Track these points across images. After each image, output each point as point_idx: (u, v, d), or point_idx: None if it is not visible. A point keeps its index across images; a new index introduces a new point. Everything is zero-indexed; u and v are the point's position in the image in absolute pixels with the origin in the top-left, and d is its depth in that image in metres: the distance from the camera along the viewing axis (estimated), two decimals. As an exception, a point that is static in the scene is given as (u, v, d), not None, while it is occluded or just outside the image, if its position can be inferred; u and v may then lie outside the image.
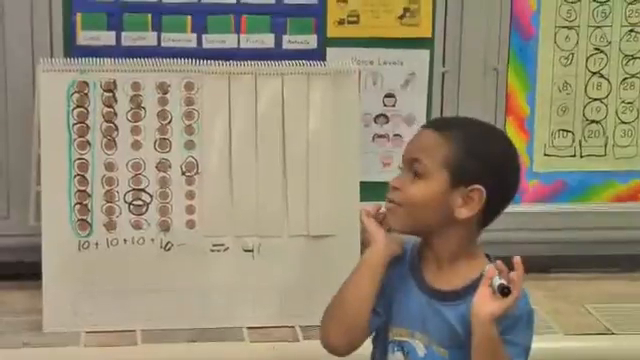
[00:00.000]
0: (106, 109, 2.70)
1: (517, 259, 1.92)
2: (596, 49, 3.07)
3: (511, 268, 1.94)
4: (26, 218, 2.75)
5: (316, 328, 2.69)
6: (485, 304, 1.89)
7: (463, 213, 1.94)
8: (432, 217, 1.95)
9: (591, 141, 3.11)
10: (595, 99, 3.10)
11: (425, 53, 2.97)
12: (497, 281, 1.89)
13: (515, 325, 1.94)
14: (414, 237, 2.05)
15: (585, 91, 3.09)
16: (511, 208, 2.01)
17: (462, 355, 1.94)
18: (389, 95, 2.99)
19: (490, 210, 1.97)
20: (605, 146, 3.12)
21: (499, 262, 1.94)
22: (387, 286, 2.04)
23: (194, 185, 2.72)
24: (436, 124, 2.04)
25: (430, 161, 1.92)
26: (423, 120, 2.98)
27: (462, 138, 1.93)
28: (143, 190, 2.71)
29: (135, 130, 2.71)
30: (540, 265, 3.07)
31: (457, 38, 2.98)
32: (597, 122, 3.11)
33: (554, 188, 3.12)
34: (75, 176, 2.67)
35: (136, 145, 2.71)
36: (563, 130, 3.10)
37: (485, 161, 1.96)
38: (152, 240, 2.70)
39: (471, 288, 1.95)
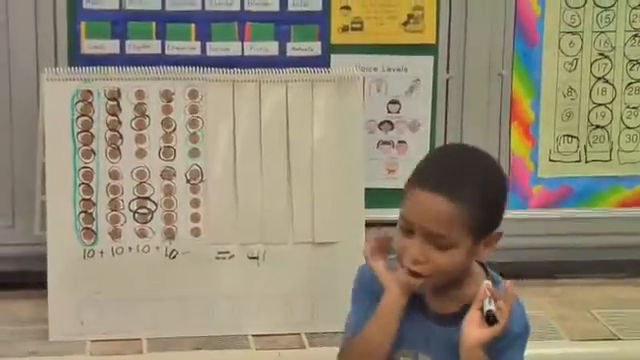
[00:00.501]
0: (110, 117, 2.70)
1: (507, 285, 1.91)
2: (600, 54, 3.07)
3: (511, 276, 1.94)
4: (31, 227, 2.76)
5: (322, 335, 2.70)
6: (473, 330, 1.88)
7: (486, 254, 1.95)
8: (458, 271, 1.95)
9: (596, 146, 3.10)
10: (600, 104, 3.09)
11: (429, 59, 2.97)
12: (487, 306, 1.88)
13: (512, 344, 1.93)
14: None
15: (590, 96, 3.08)
16: (516, 214, 2.00)
17: None
18: (393, 102, 2.99)
19: None
20: (610, 151, 3.12)
21: (490, 284, 1.92)
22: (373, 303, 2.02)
23: (199, 193, 2.72)
24: (441, 187, 1.88)
25: (455, 233, 1.88)
26: (427, 126, 2.98)
27: (475, 198, 1.89)
28: (148, 198, 2.71)
29: (139, 138, 2.71)
30: (545, 271, 3.07)
31: (461, 44, 2.98)
32: (602, 127, 3.10)
33: (559, 193, 3.12)
34: (80, 185, 2.68)
35: (140, 153, 2.71)
36: (568, 135, 3.09)
37: (497, 208, 1.95)
38: (157, 248, 2.70)
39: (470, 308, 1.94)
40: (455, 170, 1.93)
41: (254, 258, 2.74)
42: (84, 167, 2.68)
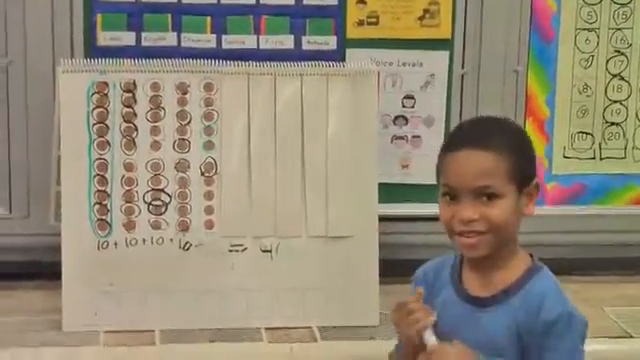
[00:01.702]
0: (126, 109, 2.71)
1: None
2: (616, 51, 3.06)
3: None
4: (46, 218, 2.77)
5: (334, 329, 2.71)
6: None
7: (531, 209, 1.96)
8: (514, 229, 1.95)
9: (611, 143, 3.10)
10: (615, 101, 3.09)
11: (445, 54, 2.97)
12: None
13: (548, 332, 1.89)
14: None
15: (605, 93, 3.08)
16: (529, 210, 2.00)
17: None
18: (408, 96, 2.98)
19: None
20: (625, 148, 3.11)
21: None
22: (427, 299, 2.01)
23: (213, 186, 2.73)
24: (474, 142, 1.93)
25: (499, 182, 1.90)
26: (442, 122, 2.98)
27: (506, 145, 1.93)
28: (162, 190, 2.71)
29: (154, 130, 2.72)
30: (559, 268, 3.05)
31: (477, 40, 2.97)
32: (617, 124, 3.10)
33: (573, 190, 3.11)
34: (95, 176, 2.69)
35: (155, 145, 2.72)
36: (583, 132, 3.09)
37: (529, 155, 1.98)
38: (171, 240, 2.71)
39: (509, 292, 1.93)
40: (481, 127, 2.01)
41: (267, 251, 2.74)
42: (99, 158, 2.69)
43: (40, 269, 2.85)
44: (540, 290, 1.93)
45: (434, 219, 2.01)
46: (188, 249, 2.72)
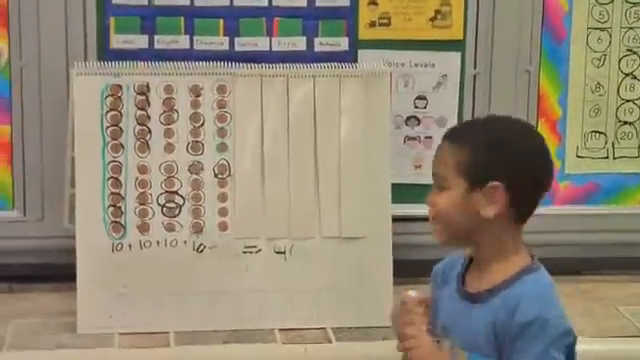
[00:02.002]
0: (139, 112, 2.72)
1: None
2: (629, 50, 3.06)
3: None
4: (60, 220, 2.78)
5: (348, 330, 2.71)
6: None
7: (489, 211, 1.92)
8: (462, 223, 1.94)
9: (624, 143, 3.10)
10: (628, 100, 3.09)
11: (457, 55, 2.97)
12: None
13: (521, 333, 1.86)
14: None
15: (618, 92, 3.08)
16: (542, 210, 1.98)
17: None
18: (420, 97, 2.99)
19: (521, 204, 1.93)
20: (638, 148, 3.11)
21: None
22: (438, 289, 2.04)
23: (226, 187, 2.74)
24: (450, 134, 1.98)
25: (445, 171, 1.93)
26: (454, 122, 2.98)
27: (473, 141, 1.92)
28: (176, 192, 2.72)
29: (168, 133, 2.73)
30: (572, 267, 3.06)
31: (489, 40, 2.98)
32: (630, 123, 3.10)
33: (586, 190, 3.11)
34: (109, 179, 2.70)
35: (169, 148, 2.72)
36: (595, 132, 3.09)
37: (498, 156, 1.92)
38: (185, 242, 2.72)
39: (494, 291, 1.93)
40: (467, 123, 2.09)
41: (281, 253, 2.75)
42: (113, 161, 2.70)
43: (55, 271, 2.86)
44: (519, 292, 1.90)
45: (447, 219, 2.01)
46: (202, 251, 2.72)
